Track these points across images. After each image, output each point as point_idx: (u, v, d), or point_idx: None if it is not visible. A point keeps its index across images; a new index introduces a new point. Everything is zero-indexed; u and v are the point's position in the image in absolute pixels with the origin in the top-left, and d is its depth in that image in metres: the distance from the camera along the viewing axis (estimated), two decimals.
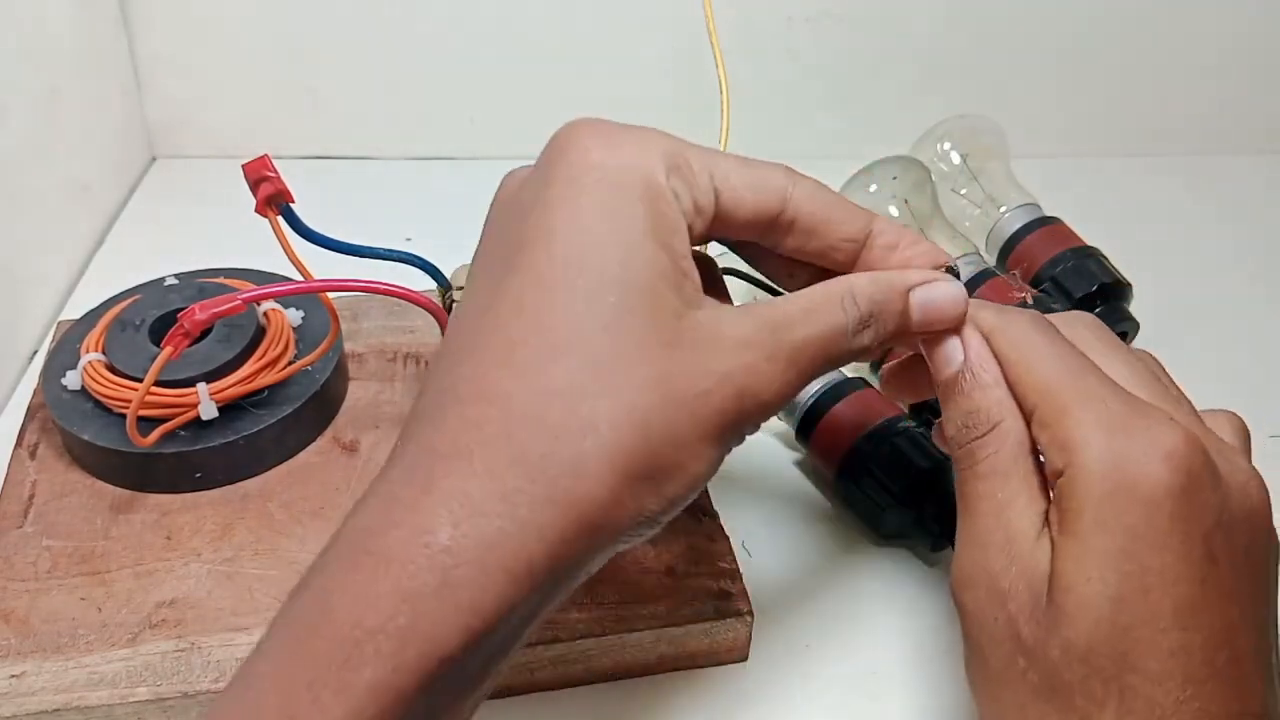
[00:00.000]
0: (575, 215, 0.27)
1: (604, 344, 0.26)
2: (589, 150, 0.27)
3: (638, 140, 0.28)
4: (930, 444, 0.45)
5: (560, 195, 0.27)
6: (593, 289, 0.26)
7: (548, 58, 0.70)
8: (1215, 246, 0.67)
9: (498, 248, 0.28)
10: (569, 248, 0.26)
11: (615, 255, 0.26)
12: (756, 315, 0.28)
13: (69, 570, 0.40)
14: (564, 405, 0.25)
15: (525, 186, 0.29)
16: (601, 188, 0.27)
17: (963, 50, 0.72)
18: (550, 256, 0.26)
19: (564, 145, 0.28)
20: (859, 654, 0.42)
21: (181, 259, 0.51)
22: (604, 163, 0.27)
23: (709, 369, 0.27)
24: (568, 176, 0.27)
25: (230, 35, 0.68)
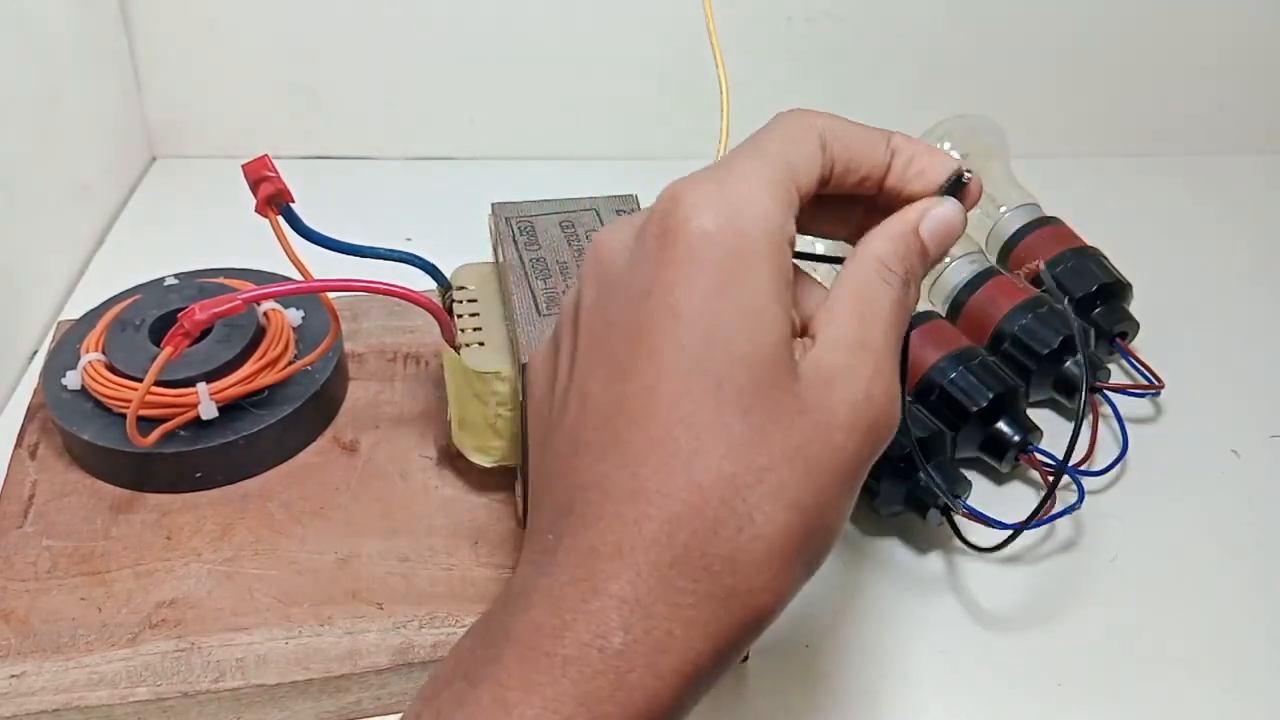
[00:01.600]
0: (699, 297, 0.26)
1: (744, 429, 0.26)
2: (702, 217, 0.26)
3: (750, 191, 0.27)
4: (924, 415, 0.45)
5: (679, 278, 0.26)
6: (726, 374, 0.26)
7: (548, 58, 0.70)
8: (1215, 246, 0.67)
9: (612, 333, 0.27)
10: (695, 332, 0.26)
11: (742, 332, 0.26)
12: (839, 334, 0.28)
13: (69, 570, 0.40)
14: (717, 499, 0.25)
15: (636, 264, 0.27)
16: (721, 262, 0.26)
17: (963, 50, 0.72)
18: (678, 344, 0.26)
19: (672, 215, 0.27)
20: (859, 654, 0.42)
21: (181, 259, 0.51)
22: (720, 228, 0.26)
23: (837, 421, 0.27)
24: (685, 257, 0.26)
25: (230, 35, 0.68)
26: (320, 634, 0.38)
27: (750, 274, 0.26)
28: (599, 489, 0.26)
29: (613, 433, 0.26)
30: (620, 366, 0.27)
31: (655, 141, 0.71)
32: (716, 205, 0.27)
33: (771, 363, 0.26)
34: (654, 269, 0.27)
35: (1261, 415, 0.53)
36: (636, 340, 0.26)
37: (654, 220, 0.27)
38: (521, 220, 0.44)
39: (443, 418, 0.46)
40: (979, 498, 0.48)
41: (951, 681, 0.41)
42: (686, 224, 0.26)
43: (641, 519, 0.25)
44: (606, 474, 0.26)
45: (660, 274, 0.27)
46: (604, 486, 0.26)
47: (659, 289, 0.26)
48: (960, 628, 0.43)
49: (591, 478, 0.26)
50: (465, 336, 0.41)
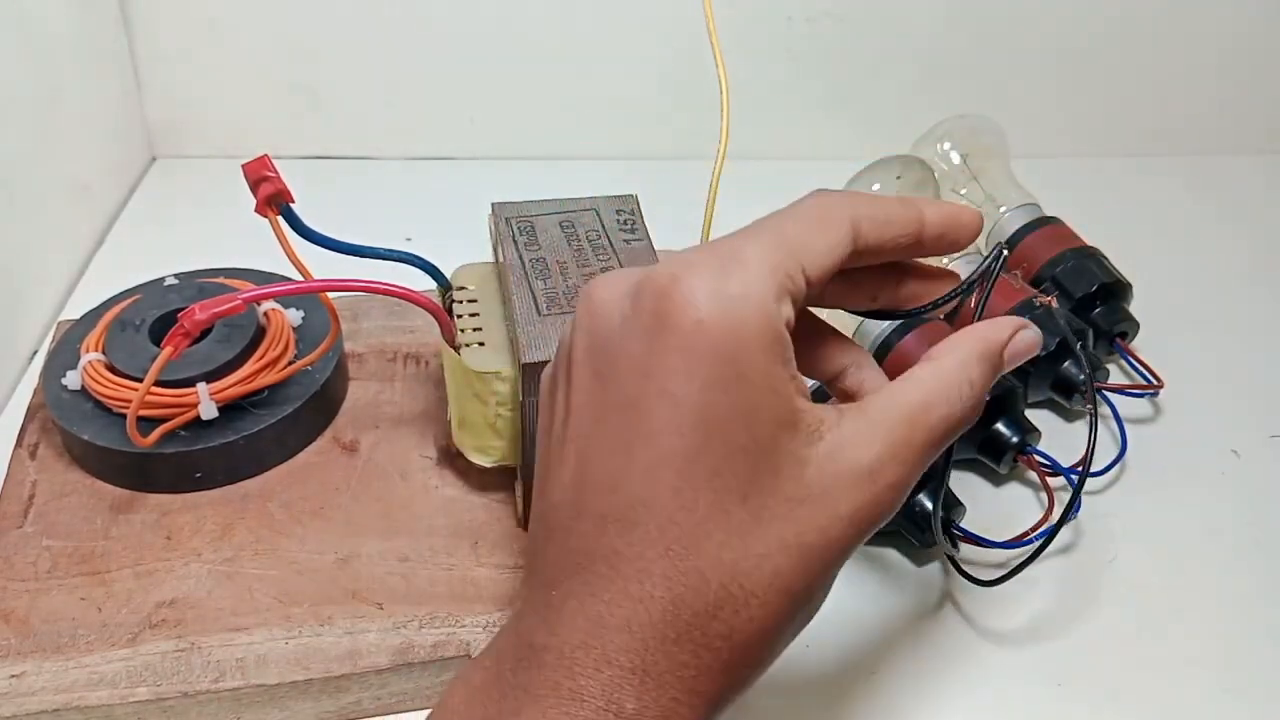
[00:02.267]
0: (696, 389, 0.27)
1: (743, 517, 0.27)
2: (700, 316, 0.27)
3: (744, 280, 0.27)
4: None
5: (677, 366, 0.27)
6: (723, 463, 0.27)
7: (548, 58, 0.70)
8: (1215, 246, 0.67)
9: (612, 402, 0.28)
10: (694, 422, 0.27)
11: (740, 424, 0.27)
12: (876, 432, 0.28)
13: (69, 570, 0.40)
14: (718, 583, 0.27)
15: (632, 336, 0.28)
16: (717, 356, 0.27)
17: (963, 50, 0.72)
18: (679, 432, 0.27)
19: (671, 304, 0.27)
20: (859, 654, 0.42)
21: (181, 259, 0.51)
22: (716, 327, 0.27)
23: (837, 515, 0.28)
24: (682, 345, 0.27)
25: (230, 35, 0.68)
26: (320, 634, 0.38)
27: (746, 367, 0.27)
28: (606, 562, 0.27)
29: (615, 508, 0.27)
30: (621, 441, 0.28)
31: (655, 141, 0.71)
32: (713, 298, 0.27)
33: (770, 453, 0.27)
34: (650, 351, 0.27)
35: (1261, 415, 0.53)
36: (636, 420, 0.27)
37: (651, 296, 0.27)
38: (521, 220, 0.44)
39: (443, 418, 0.46)
40: (979, 497, 0.48)
41: (951, 681, 0.41)
42: (683, 313, 0.27)
43: (647, 598, 0.27)
44: (612, 547, 0.27)
45: (656, 359, 0.27)
46: (609, 559, 0.27)
47: (657, 374, 0.27)
48: (960, 628, 0.43)
49: (597, 548, 0.27)
50: (465, 336, 0.41)
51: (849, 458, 0.28)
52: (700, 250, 0.28)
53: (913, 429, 0.29)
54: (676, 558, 0.27)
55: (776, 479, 0.27)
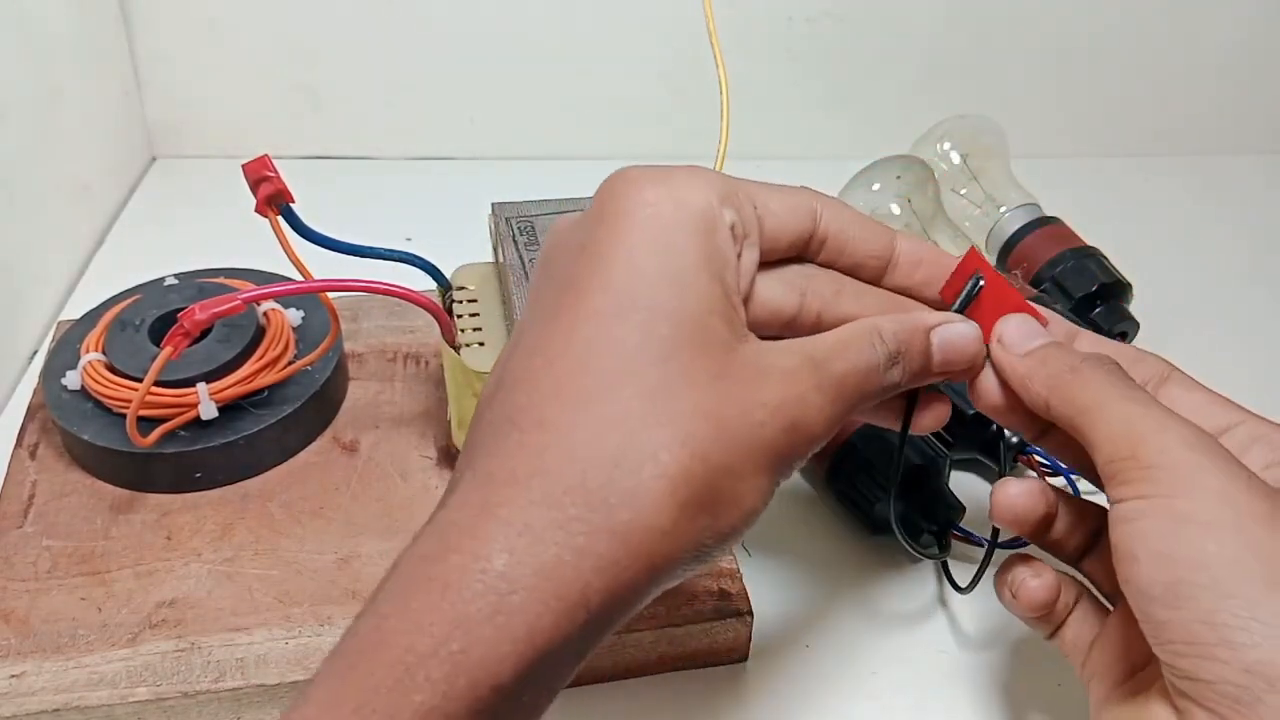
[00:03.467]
0: (628, 250, 0.27)
1: (659, 375, 0.26)
2: (642, 188, 0.28)
3: (688, 175, 0.28)
4: (922, 441, 0.45)
5: (612, 231, 0.27)
6: (646, 321, 0.26)
7: (548, 58, 0.70)
8: (1215, 246, 0.67)
9: (549, 285, 0.29)
10: (622, 280, 0.27)
11: (668, 288, 0.27)
12: (799, 349, 0.29)
13: (69, 570, 0.40)
14: (622, 435, 0.25)
15: (576, 227, 0.29)
16: (654, 223, 0.27)
17: (963, 50, 0.72)
18: (604, 289, 0.27)
19: (616, 185, 0.28)
20: (859, 654, 0.42)
21: (181, 259, 0.51)
22: (657, 199, 0.28)
23: (761, 400, 0.27)
24: (620, 211, 0.28)
25: (230, 35, 0.68)
26: (320, 634, 0.38)
27: (681, 241, 0.27)
28: (508, 421, 0.26)
29: (531, 370, 0.27)
30: (550, 310, 0.28)
31: (655, 141, 0.71)
32: (657, 182, 0.28)
33: (697, 324, 0.27)
34: (592, 228, 0.28)
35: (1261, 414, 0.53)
36: (568, 287, 0.27)
37: (599, 190, 0.29)
38: (521, 220, 0.44)
39: (443, 418, 0.46)
40: (979, 497, 0.48)
41: (951, 681, 0.41)
42: (625, 191, 0.28)
43: (541, 448, 0.25)
44: (519, 406, 0.26)
45: (595, 231, 0.28)
46: (514, 419, 0.26)
47: (592, 244, 0.28)
48: (960, 628, 0.43)
49: (505, 411, 0.27)
50: (465, 336, 0.41)
51: (774, 358, 0.28)
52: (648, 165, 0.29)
53: (830, 354, 0.29)
54: (579, 408, 0.25)
55: (700, 353, 0.27)
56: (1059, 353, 0.31)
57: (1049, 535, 0.34)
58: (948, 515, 0.43)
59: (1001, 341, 0.32)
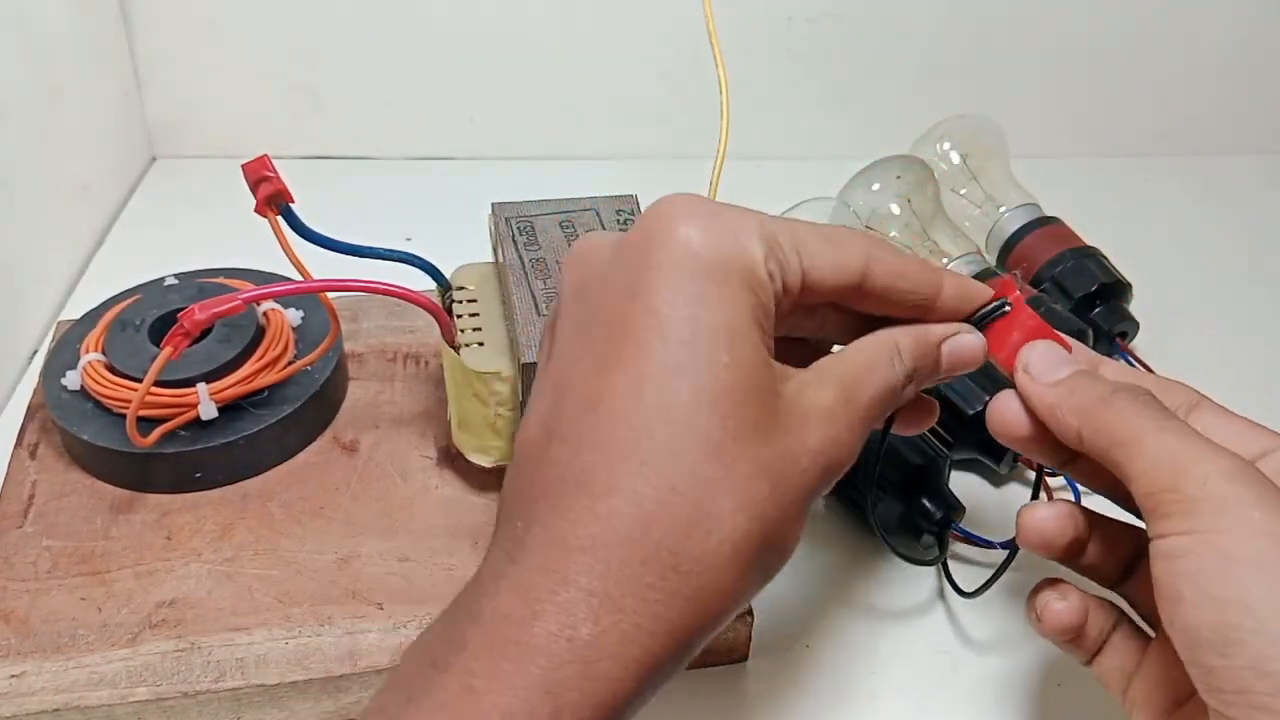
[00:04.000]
0: (683, 303, 0.27)
1: (723, 436, 0.26)
2: (689, 234, 0.27)
3: (735, 222, 0.28)
4: (922, 441, 0.45)
5: (665, 281, 0.27)
6: (706, 379, 0.26)
7: (548, 58, 0.70)
8: (1215, 246, 0.67)
9: (595, 328, 0.28)
10: (680, 334, 0.26)
11: (724, 343, 0.26)
12: (832, 380, 0.29)
13: (69, 570, 0.40)
14: (691, 501, 0.26)
15: (619, 264, 0.28)
16: (706, 275, 0.27)
17: (963, 50, 0.72)
18: (664, 344, 0.26)
19: (662, 227, 0.28)
20: (858, 654, 0.42)
21: (181, 259, 0.51)
22: (705, 249, 0.27)
23: (806, 448, 0.28)
24: (670, 261, 0.27)
25: (230, 35, 0.68)
26: (320, 634, 0.38)
27: (730, 293, 0.27)
28: (575, 480, 0.26)
29: (590, 425, 0.27)
30: (602, 360, 0.27)
31: (655, 141, 0.71)
32: (703, 225, 0.27)
33: (753, 376, 0.27)
34: (641, 272, 0.27)
35: (1262, 415, 0.52)
36: (621, 337, 0.27)
37: (643, 225, 0.28)
38: (521, 220, 0.44)
39: (443, 418, 0.46)
40: (979, 498, 0.48)
41: (951, 681, 0.41)
42: (672, 231, 0.27)
43: (614, 515, 0.25)
44: (583, 465, 0.26)
45: (645, 277, 0.27)
46: (580, 478, 0.26)
47: (644, 290, 0.27)
48: (960, 628, 0.43)
49: (566, 468, 0.26)
50: (465, 336, 0.41)
51: (812, 397, 0.28)
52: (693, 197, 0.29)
53: (858, 382, 0.29)
54: (651, 474, 0.26)
55: (755, 406, 0.27)
56: (1089, 381, 0.31)
57: (1083, 559, 0.33)
58: (947, 515, 0.43)
59: (1028, 370, 0.32)
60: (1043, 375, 0.32)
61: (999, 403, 0.33)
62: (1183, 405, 0.32)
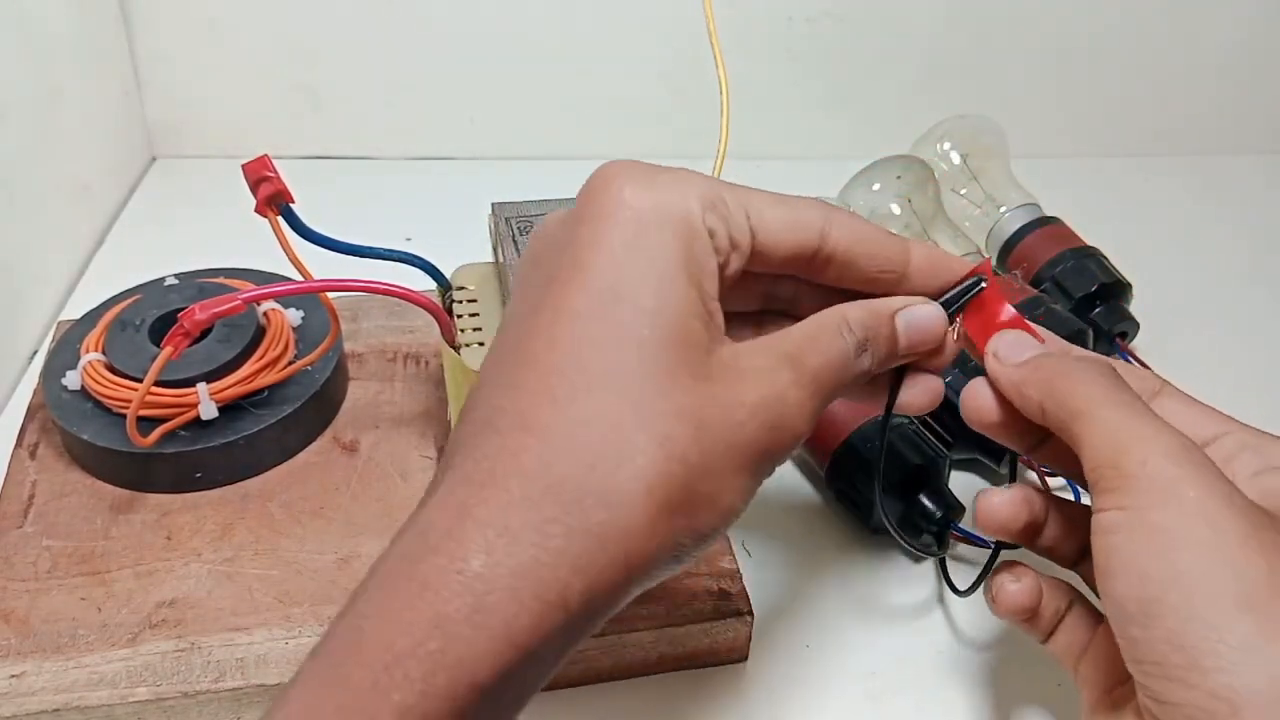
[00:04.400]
0: (609, 250, 0.27)
1: (638, 376, 0.26)
2: (623, 188, 0.28)
3: (673, 179, 0.28)
4: (922, 441, 0.45)
5: (594, 231, 0.27)
6: (626, 322, 0.26)
7: (548, 58, 0.70)
8: (1215, 246, 0.67)
9: (531, 282, 0.29)
10: (603, 281, 0.27)
11: (648, 289, 0.26)
12: (773, 347, 0.29)
13: (69, 570, 0.40)
14: (600, 436, 0.25)
15: (560, 224, 0.29)
16: (636, 224, 0.27)
17: (963, 50, 0.72)
18: (585, 289, 0.27)
19: (598, 184, 0.28)
20: (858, 654, 0.42)
21: (181, 259, 0.51)
22: (639, 200, 0.27)
23: (740, 400, 0.27)
24: (601, 213, 0.27)
25: (230, 35, 0.68)
26: (320, 634, 0.38)
27: (662, 243, 0.27)
28: (488, 422, 0.26)
29: (511, 369, 0.27)
30: (530, 311, 0.27)
31: (655, 141, 0.71)
32: (639, 182, 0.28)
33: (676, 325, 0.27)
34: (574, 226, 0.28)
35: (1262, 415, 0.52)
36: (549, 286, 0.27)
37: (584, 187, 0.29)
38: (521, 220, 0.44)
39: (443, 418, 0.46)
40: None
41: (951, 681, 0.41)
42: (607, 189, 0.28)
43: (519, 449, 0.25)
44: (499, 407, 0.26)
45: (577, 230, 0.28)
46: (493, 420, 0.26)
47: (574, 243, 0.27)
48: (960, 628, 0.43)
49: (485, 412, 0.27)
50: (465, 336, 0.41)
51: (750, 358, 0.28)
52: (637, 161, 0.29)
53: (802, 350, 0.29)
54: (558, 408, 0.25)
55: (680, 354, 0.26)
56: (1053, 358, 0.31)
57: (1041, 541, 0.34)
58: (947, 515, 0.43)
59: (996, 355, 0.32)
60: (1009, 358, 0.32)
61: (970, 389, 0.33)
62: (1144, 392, 0.32)
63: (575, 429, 0.25)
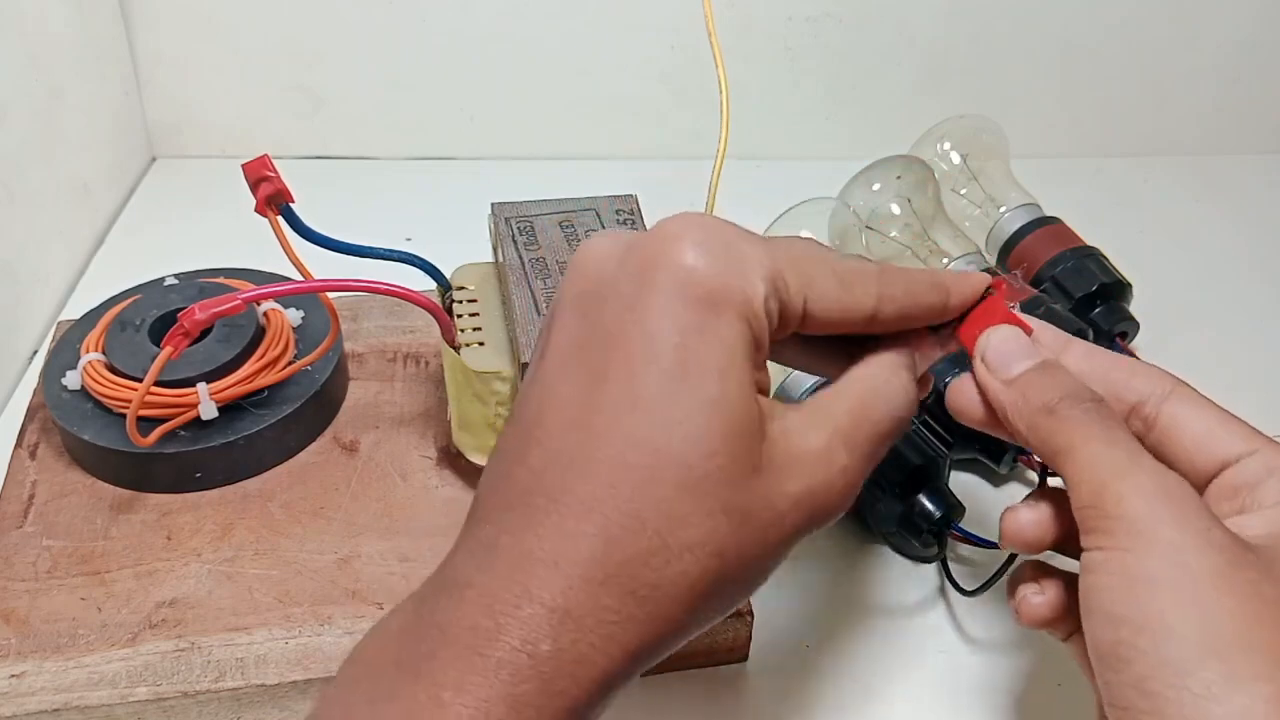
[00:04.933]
0: (678, 330, 0.27)
1: (700, 471, 0.26)
2: (695, 261, 0.27)
3: (743, 255, 0.28)
4: (922, 441, 0.45)
5: (664, 305, 0.27)
6: (692, 410, 0.26)
7: (548, 58, 0.70)
8: (1215, 246, 0.67)
9: (590, 339, 0.28)
10: (671, 364, 0.26)
11: (715, 377, 0.26)
12: (828, 420, 0.29)
13: (69, 570, 0.40)
14: (653, 530, 0.26)
15: (622, 279, 0.28)
16: (706, 304, 0.27)
17: (963, 50, 0.72)
18: (653, 371, 0.26)
19: (668, 249, 0.27)
20: (859, 654, 0.42)
21: (181, 259, 0.51)
22: (708, 278, 0.27)
23: (785, 492, 0.27)
24: (671, 284, 0.27)
25: (230, 35, 0.68)
26: (320, 634, 0.38)
27: (729, 328, 0.27)
28: (546, 495, 0.26)
29: (571, 441, 0.27)
30: (591, 376, 0.27)
31: (655, 141, 0.71)
32: (711, 248, 0.27)
33: (738, 415, 0.27)
34: (640, 291, 0.27)
35: (1262, 415, 0.52)
36: (612, 356, 0.27)
37: (649, 242, 0.28)
38: (521, 220, 0.44)
39: (443, 418, 0.46)
40: (979, 497, 0.48)
41: (952, 681, 0.41)
42: (679, 254, 0.27)
43: (580, 535, 0.26)
44: (557, 480, 0.26)
45: (645, 297, 0.27)
46: (552, 493, 0.26)
47: (641, 311, 0.27)
48: (961, 627, 0.43)
49: (542, 479, 0.27)
50: (465, 336, 0.41)
51: (801, 440, 0.28)
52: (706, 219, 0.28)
53: (858, 420, 0.29)
54: (621, 499, 0.26)
55: (742, 443, 0.27)
56: (1040, 386, 0.30)
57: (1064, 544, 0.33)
58: (947, 515, 0.43)
59: (984, 361, 0.32)
60: (999, 369, 0.31)
61: (956, 386, 0.33)
62: (1156, 394, 0.31)
63: (632, 523, 0.26)
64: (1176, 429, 0.31)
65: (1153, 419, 0.31)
